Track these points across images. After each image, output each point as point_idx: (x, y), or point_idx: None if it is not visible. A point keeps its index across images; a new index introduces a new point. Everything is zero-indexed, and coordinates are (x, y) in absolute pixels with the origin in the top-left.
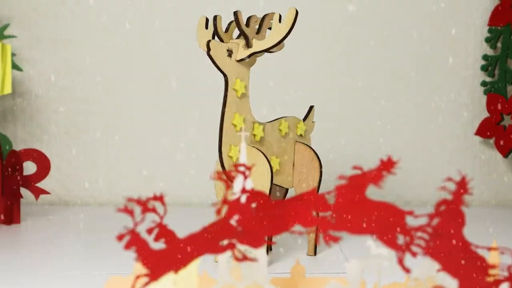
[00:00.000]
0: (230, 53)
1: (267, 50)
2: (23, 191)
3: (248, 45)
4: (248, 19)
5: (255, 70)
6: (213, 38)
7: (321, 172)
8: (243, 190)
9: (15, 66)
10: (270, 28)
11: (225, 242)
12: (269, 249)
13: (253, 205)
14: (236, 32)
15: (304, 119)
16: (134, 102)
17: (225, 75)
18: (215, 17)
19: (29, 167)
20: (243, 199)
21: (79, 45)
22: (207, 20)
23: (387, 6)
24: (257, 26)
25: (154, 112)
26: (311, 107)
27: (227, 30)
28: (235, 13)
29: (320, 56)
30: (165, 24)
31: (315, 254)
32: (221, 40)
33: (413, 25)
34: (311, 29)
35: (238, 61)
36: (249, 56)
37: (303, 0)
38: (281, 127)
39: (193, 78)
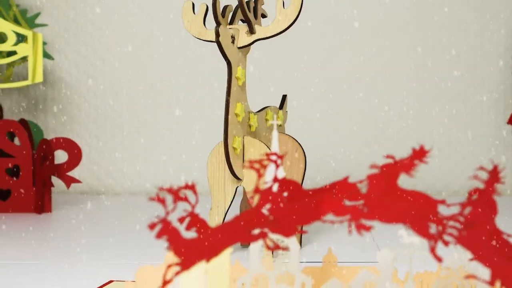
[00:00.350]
0: (233, 39)
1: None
2: (54, 180)
3: (251, 31)
4: (247, 3)
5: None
6: (204, 23)
7: (305, 162)
8: (275, 179)
9: (46, 55)
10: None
11: (257, 231)
12: None
13: (285, 194)
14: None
15: (280, 108)
16: (163, 92)
17: (229, 63)
18: (214, 2)
19: (60, 156)
20: (275, 188)
21: (110, 34)
22: (193, 4)
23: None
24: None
25: (182, 103)
26: (285, 96)
27: (223, 15)
28: None
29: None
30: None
31: (300, 246)
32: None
33: (444, 15)
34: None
35: (240, 48)
36: (252, 43)
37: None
38: (267, 117)
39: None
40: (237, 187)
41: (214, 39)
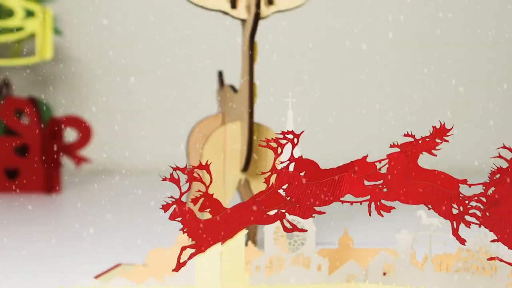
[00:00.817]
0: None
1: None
2: (64, 159)
3: (270, 1)
4: None
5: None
6: None
7: None
8: (291, 159)
9: (55, 31)
10: None
11: (274, 212)
12: None
13: (302, 174)
14: None
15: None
16: (177, 70)
17: (253, 38)
18: None
19: (70, 135)
20: (292, 167)
21: (121, 8)
22: None
23: None
24: None
25: (198, 80)
26: (221, 73)
27: None
28: None
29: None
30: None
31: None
32: None
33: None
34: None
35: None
36: (270, 15)
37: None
38: None
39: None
40: (240, 180)
41: (222, 8)
